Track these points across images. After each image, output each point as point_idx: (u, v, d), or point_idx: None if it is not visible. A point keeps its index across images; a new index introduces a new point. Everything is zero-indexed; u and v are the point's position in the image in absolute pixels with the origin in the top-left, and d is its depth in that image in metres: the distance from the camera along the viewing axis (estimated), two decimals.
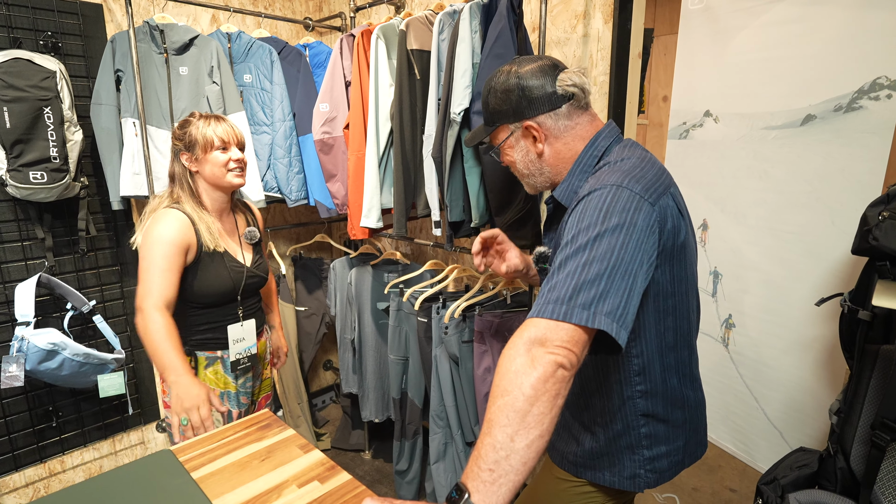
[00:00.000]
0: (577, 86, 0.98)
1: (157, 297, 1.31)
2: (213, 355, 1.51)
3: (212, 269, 1.43)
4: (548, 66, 1.00)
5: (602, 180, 0.88)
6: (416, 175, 1.85)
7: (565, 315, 0.77)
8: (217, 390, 1.51)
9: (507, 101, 1.02)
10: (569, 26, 1.83)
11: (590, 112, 1.02)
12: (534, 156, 1.04)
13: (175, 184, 1.47)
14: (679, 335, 1.00)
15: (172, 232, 1.36)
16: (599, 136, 1.00)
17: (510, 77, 1.01)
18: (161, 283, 1.33)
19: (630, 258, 0.81)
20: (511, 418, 0.72)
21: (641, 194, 0.85)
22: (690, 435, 1.05)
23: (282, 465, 0.94)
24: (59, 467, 2.26)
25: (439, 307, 1.92)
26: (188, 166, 1.45)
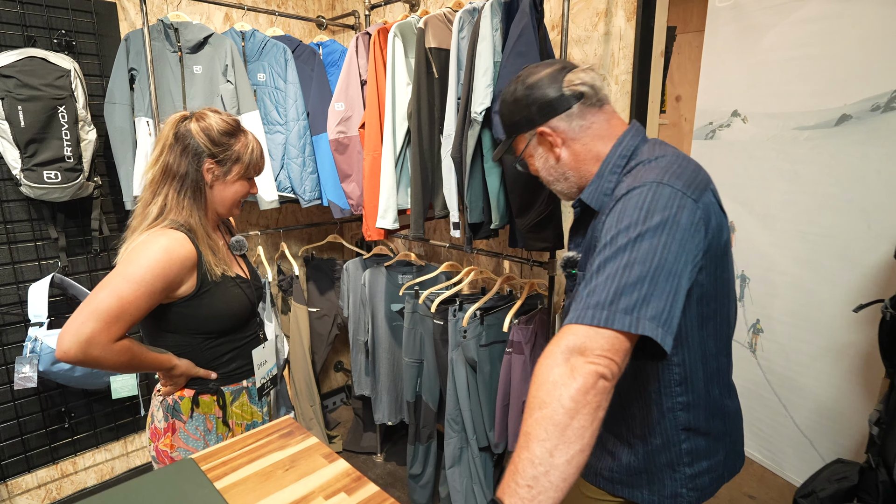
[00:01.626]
0: (586, 83, 0.95)
1: (120, 330, 1.06)
2: (238, 387, 1.31)
3: (224, 293, 1.21)
4: (556, 70, 0.98)
5: (640, 178, 0.85)
6: (433, 175, 1.82)
7: (606, 321, 0.73)
8: (244, 423, 1.33)
9: (518, 112, 1.00)
10: (590, 24, 1.80)
11: (605, 110, 0.99)
12: (553, 161, 1.01)
13: (171, 184, 1.16)
14: (720, 341, 0.96)
15: (168, 266, 1.09)
16: (626, 135, 0.97)
17: (518, 87, 1.00)
18: (122, 329, 1.06)
19: (674, 258, 0.77)
20: (550, 432, 0.69)
21: (683, 190, 0.81)
22: (730, 447, 1.01)
23: (306, 476, 0.91)
24: (72, 468, 2.25)
25: (456, 310, 1.89)
26: (206, 176, 1.19)
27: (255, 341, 1.34)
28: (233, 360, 1.29)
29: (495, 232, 1.71)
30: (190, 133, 1.16)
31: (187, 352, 1.22)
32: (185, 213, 1.16)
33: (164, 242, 1.09)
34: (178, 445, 1.23)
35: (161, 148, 1.16)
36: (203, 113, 1.20)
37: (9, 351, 2.03)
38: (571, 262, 1.02)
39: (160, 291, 1.09)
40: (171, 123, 1.18)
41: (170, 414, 1.23)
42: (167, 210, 1.15)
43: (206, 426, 1.25)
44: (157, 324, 1.19)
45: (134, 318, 1.07)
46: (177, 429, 1.23)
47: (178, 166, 1.15)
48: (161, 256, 1.08)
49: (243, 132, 1.24)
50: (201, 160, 1.17)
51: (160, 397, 1.25)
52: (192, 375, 1.23)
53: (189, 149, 1.16)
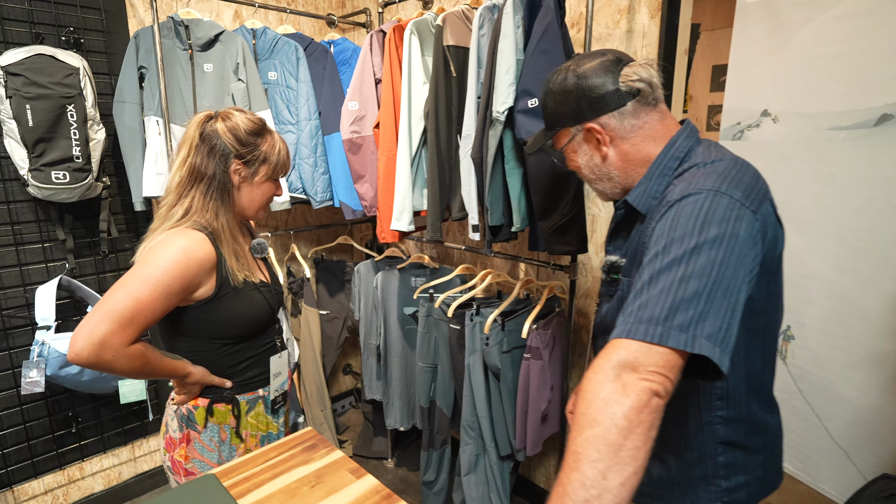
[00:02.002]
0: (643, 80, 0.89)
1: (135, 333, 1.01)
2: (254, 396, 1.26)
3: (244, 297, 1.16)
4: (610, 61, 0.91)
5: (696, 184, 0.80)
6: (450, 176, 1.78)
7: (661, 338, 0.69)
8: (259, 435, 1.28)
9: (565, 103, 0.94)
10: (611, 22, 1.75)
11: (659, 109, 0.93)
12: (598, 160, 0.95)
13: (198, 186, 1.12)
14: (766, 356, 0.91)
15: (186, 267, 1.04)
16: (679, 136, 0.91)
17: (568, 76, 0.93)
18: (136, 332, 1.01)
19: (732, 274, 0.72)
20: (602, 452, 0.65)
21: (742, 201, 0.77)
22: (770, 463, 0.97)
23: (334, 493, 0.87)
24: (79, 474, 2.21)
25: (473, 314, 1.85)
26: (233, 177, 1.15)
27: (273, 349, 1.29)
28: (249, 368, 1.24)
29: (515, 234, 1.67)
30: (216, 133, 1.12)
31: (203, 357, 1.18)
32: (209, 216, 1.12)
33: (183, 242, 1.05)
34: (193, 456, 1.19)
35: (188, 149, 1.12)
36: (228, 112, 1.16)
37: (15, 355, 1.99)
38: (615, 268, 0.97)
39: (177, 293, 1.05)
40: (196, 123, 1.14)
41: (184, 424, 1.19)
42: (192, 212, 1.11)
43: (220, 437, 1.21)
44: (173, 327, 1.14)
45: (149, 320, 1.02)
46: (192, 439, 1.19)
47: (205, 167, 1.11)
48: (179, 257, 1.03)
49: (269, 132, 1.20)
50: (228, 161, 1.13)
51: (174, 406, 1.20)
52: (206, 384, 1.18)
53: (216, 149, 1.12)
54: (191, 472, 1.18)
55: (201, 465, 1.19)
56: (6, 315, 1.94)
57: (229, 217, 1.15)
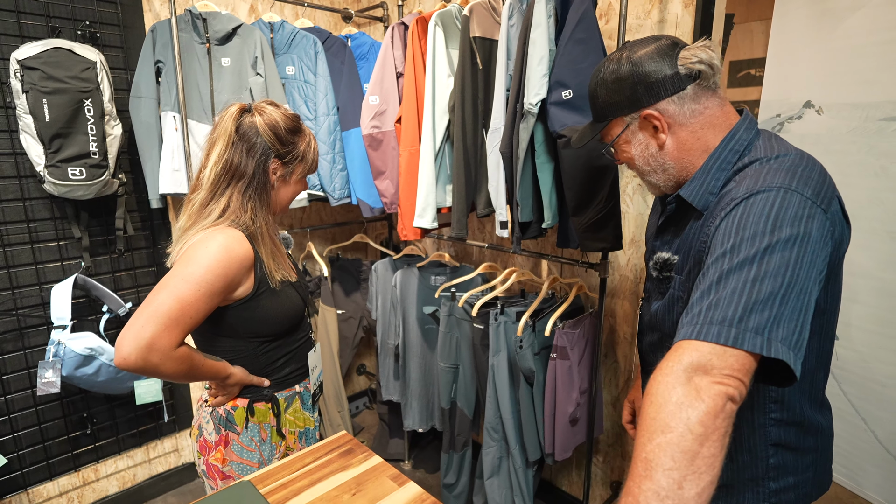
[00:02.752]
0: (704, 62, 0.84)
1: (181, 335, 0.98)
2: (291, 393, 1.24)
3: (281, 299, 1.14)
4: (666, 45, 0.86)
5: (764, 181, 0.75)
6: (476, 172, 1.73)
7: (735, 340, 0.66)
8: (297, 431, 1.26)
9: (619, 91, 0.89)
10: (642, 12, 1.70)
11: (719, 95, 0.88)
12: (654, 149, 0.90)
13: (236, 184, 1.08)
14: (821, 357, 0.88)
15: (228, 265, 1.01)
16: (740, 126, 0.86)
17: (621, 64, 0.88)
18: (183, 332, 0.99)
19: (805, 275, 0.69)
20: (678, 460, 0.60)
21: (813, 199, 0.73)
22: (821, 464, 0.93)
23: (377, 502, 0.82)
24: (93, 476, 2.17)
25: (497, 313, 1.80)
26: (272, 176, 1.12)
27: (308, 344, 1.27)
28: (286, 365, 1.21)
29: (544, 231, 1.62)
30: (256, 130, 1.07)
31: (242, 357, 1.15)
32: (248, 216, 1.08)
33: (223, 240, 1.01)
34: (231, 459, 1.15)
35: (224, 144, 1.06)
36: (262, 107, 1.11)
37: (30, 355, 1.95)
38: (668, 265, 0.92)
39: (220, 292, 1.01)
40: (231, 117, 1.08)
41: (222, 426, 1.15)
42: (229, 211, 1.07)
43: (260, 436, 1.17)
44: (212, 328, 1.10)
45: (194, 321, 0.99)
46: (230, 441, 1.15)
47: (245, 166, 1.07)
48: (221, 255, 1.00)
49: (305, 128, 1.17)
50: (268, 161, 1.09)
51: (209, 409, 1.16)
52: (245, 384, 1.14)
53: (256, 148, 1.07)
54: (228, 475, 1.15)
55: (240, 467, 1.16)
56: (21, 314, 1.91)
57: (268, 217, 1.12)
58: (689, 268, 0.88)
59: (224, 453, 1.15)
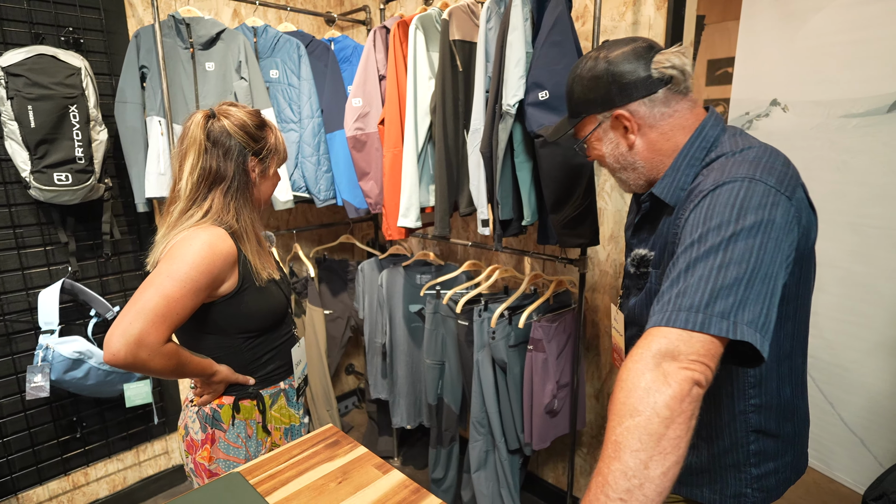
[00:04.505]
0: (676, 67, 0.87)
1: (168, 331, 1.01)
2: (276, 390, 1.26)
3: (264, 295, 1.16)
4: (642, 48, 0.90)
5: (729, 173, 0.79)
6: (458, 172, 1.77)
7: (702, 325, 0.69)
8: (283, 428, 1.28)
9: (594, 89, 0.92)
10: (616, 14, 1.75)
11: (690, 98, 0.92)
12: (624, 148, 0.94)
13: (217, 189, 1.09)
14: (797, 341, 0.91)
15: (212, 261, 1.04)
16: (706, 124, 0.90)
17: (598, 62, 0.91)
18: (170, 328, 1.01)
19: (770, 260, 0.72)
20: (645, 442, 0.64)
21: (777, 187, 0.76)
22: (799, 449, 0.97)
23: (362, 489, 0.86)
24: (83, 480, 2.18)
25: (481, 309, 1.84)
26: (252, 174, 1.14)
27: (292, 340, 1.30)
28: (271, 361, 1.24)
29: (525, 228, 1.66)
30: (227, 133, 1.10)
31: (227, 354, 1.17)
32: (231, 216, 1.11)
33: (206, 237, 1.04)
34: (217, 457, 1.17)
35: (196, 153, 1.08)
36: (225, 109, 1.14)
37: (19, 360, 1.96)
38: (644, 261, 0.96)
39: (205, 288, 1.04)
40: (198, 126, 1.09)
41: (208, 424, 1.17)
42: (212, 213, 1.09)
43: (246, 433, 1.20)
44: (197, 325, 1.13)
45: (181, 317, 1.02)
46: (216, 439, 1.17)
47: (225, 170, 1.09)
48: (205, 251, 1.03)
49: (268, 122, 1.19)
50: (246, 159, 1.12)
51: (195, 408, 1.19)
52: (231, 382, 1.17)
53: (232, 150, 1.10)
54: (214, 472, 1.17)
55: (226, 464, 1.18)
56: (9, 319, 1.92)
57: (253, 216, 1.15)
58: (664, 262, 0.92)
59: (211, 451, 1.16)
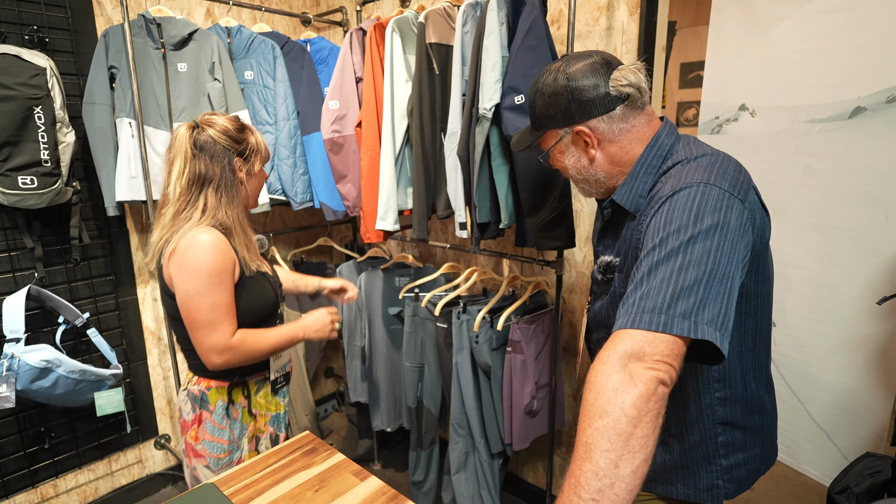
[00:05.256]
0: (633, 85, 0.90)
1: (229, 327, 1.19)
2: (262, 378, 1.38)
3: (256, 287, 1.27)
4: (599, 63, 0.92)
5: (686, 179, 0.83)
6: (436, 175, 1.77)
7: (665, 326, 0.71)
8: (269, 415, 1.38)
9: (555, 105, 0.94)
10: (591, 19, 1.77)
11: (647, 111, 0.95)
12: (585, 161, 0.97)
13: (207, 190, 1.21)
14: (759, 337, 0.95)
15: (223, 258, 1.17)
16: (661, 134, 0.94)
17: (558, 78, 0.93)
18: (232, 323, 1.19)
19: (726, 261, 0.75)
20: (614, 442, 0.66)
21: (730, 191, 0.80)
22: (767, 440, 1.01)
23: (339, 497, 0.85)
24: (52, 492, 2.12)
25: (459, 312, 1.84)
26: (238, 173, 1.25)
27: None
28: None
29: (502, 231, 1.67)
30: (212, 140, 1.21)
31: None
32: (221, 213, 1.21)
33: (208, 241, 1.15)
34: (203, 438, 1.26)
35: (183, 160, 1.19)
36: (208, 119, 1.24)
37: None
38: (610, 268, 0.98)
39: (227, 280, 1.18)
40: (185, 138, 1.20)
41: (197, 405, 1.27)
42: (209, 210, 1.20)
43: (231, 415, 1.29)
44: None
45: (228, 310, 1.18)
46: (203, 420, 1.27)
47: (212, 171, 1.20)
48: (212, 254, 1.16)
49: (246, 124, 1.30)
50: (232, 161, 1.23)
51: (185, 391, 1.29)
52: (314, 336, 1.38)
53: (217, 154, 1.21)
54: (199, 454, 1.26)
55: (211, 445, 1.27)
56: None
57: (239, 210, 1.25)
58: (627, 266, 0.95)
59: (198, 431, 1.26)
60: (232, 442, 1.28)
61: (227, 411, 1.28)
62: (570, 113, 0.93)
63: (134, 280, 2.23)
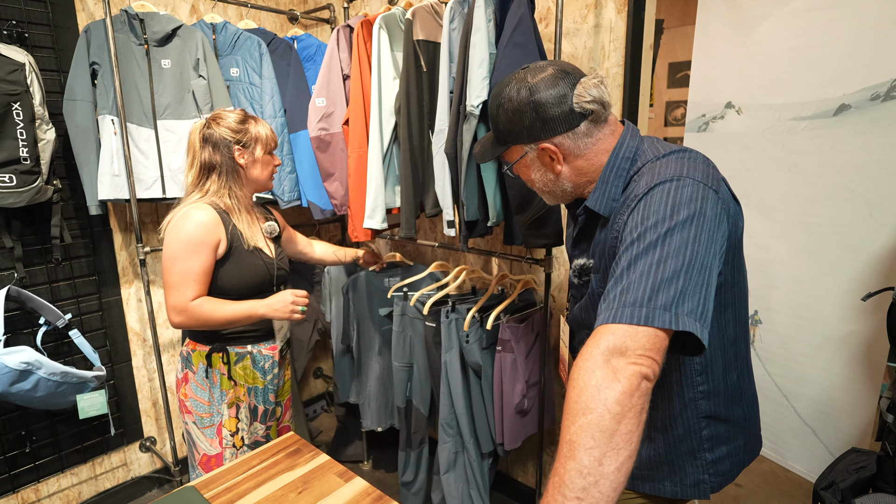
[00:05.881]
0: (596, 101, 0.89)
1: (193, 292, 1.32)
2: (244, 350, 1.47)
3: (246, 262, 1.41)
4: (560, 77, 0.89)
5: (660, 175, 0.83)
6: (424, 172, 1.76)
7: (646, 319, 0.71)
8: (246, 386, 1.49)
9: (518, 122, 0.92)
10: (579, 17, 1.77)
11: (610, 122, 0.94)
12: (552, 176, 0.97)
13: (212, 176, 1.40)
14: (738, 327, 0.96)
15: (204, 232, 1.32)
16: (625, 137, 0.94)
17: (521, 92, 0.91)
18: (197, 289, 1.32)
19: (704, 251, 0.76)
20: (598, 439, 0.65)
21: (704, 182, 0.81)
22: (750, 431, 1.01)
23: (323, 498, 0.84)
24: (34, 496, 2.08)
25: (448, 311, 1.83)
26: (238, 160, 1.42)
27: None
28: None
29: (490, 229, 1.66)
30: (213, 133, 1.39)
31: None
32: (224, 195, 1.41)
33: (191, 215, 1.32)
34: (189, 395, 1.43)
35: (193, 153, 1.41)
36: (217, 114, 1.43)
37: None
38: (585, 270, 0.98)
39: (201, 251, 1.32)
40: (197, 132, 1.41)
41: (183, 365, 1.45)
42: (210, 193, 1.39)
43: (211, 378, 1.43)
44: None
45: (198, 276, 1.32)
46: (189, 379, 1.44)
47: (213, 160, 1.39)
48: (191, 226, 1.31)
49: (252, 117, 1.46)
50: (231, 149, 1.40)
51: (180, 352, 1.47)
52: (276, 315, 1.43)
53: (219, 144, 1.39)
54: (189, 409, 1.44)
55: (195, 404, 1.44)
56: None
57: (241, 193, 1.44)
58: (604, 266, 0.95)
59: (185, 389, 1.43)
60: (212, 403, 1.42)
61: (206, 374, 1.42)
62: (535, 131, 0.92)
63: (118, 280, 2.20)
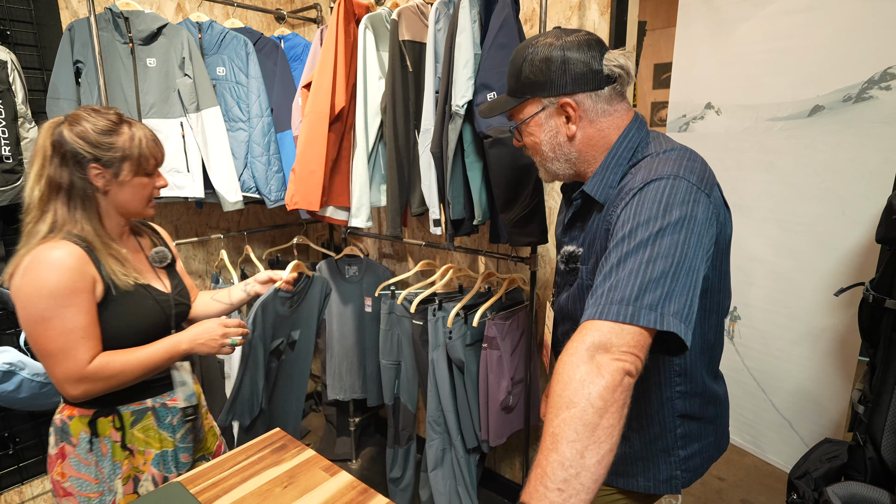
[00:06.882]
0: (622, 68, 0.90)
1: (87, 353, 1.03)
2: (142, 407, 1.16)
3: (132, 306, 1.11)
4: (593, 41, 0.91)
5: (657, 172, 0.83)
6: (409, 172, 1.77)
7: (632, 317, 0.72)
8: (151, 452, 1.17)
9: (545, 72, 0.91)
10: (563, 18, 1.80)
11: (627, 101, 0.95)
12: (563, 138, 0.95)
13: (60, 201, 1.05)
14: (718, 332, 0.98)
15: (72, 275, 1.01)
16: (631, 127, 0.94)
17: (553, 47, 0.90)
18: (90, 347, 1.03)
19: (693, 254, 0.77)
20: (580, 432, 0.66)
21: (698, 185, 0.82)
22: (720, 428, 1.04)
23: (308, 492, 0.85)
24: (17, 499, 2.06)
25: (435, 309, 1.85)
26: (95, 182, 1.07)
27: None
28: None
29: (476, 228, 1.68)
30: (65, 140, 1.04)
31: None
32: (78, 226, 1.06)
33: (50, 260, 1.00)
34: (70, 474, 1.10)
35: (41, 160, 1.05)
36: (77, 115, 1.08)
37: None
38: (573, 257, 0.99)
39: (77, 300, 1.02)
40: (45, 132, 1.06)
41: (59, 437, 1.11)
42: (59, 225, 1.05)
43: (100, 450, 1.12)
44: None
45: (84, 333, 1.03)
46: (66, 454, 1.10)
47: (61, 178, 1.04)
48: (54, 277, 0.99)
49: (126, 124, 1.11)
50: (85, 167, 1.06)
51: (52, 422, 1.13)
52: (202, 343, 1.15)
53: (68, 157, 1.04)
54: (68, 491, 1.10)
55: (78, 482, 1.11)
56: None
57: (94, 225, 1.09)
58: (594, 257, 0.95)
59: (62, 468, 1.10)
60: (102, 481, 1.11)
61: (91, 445, 1.11)
62: (561, 82, 0.90)
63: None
